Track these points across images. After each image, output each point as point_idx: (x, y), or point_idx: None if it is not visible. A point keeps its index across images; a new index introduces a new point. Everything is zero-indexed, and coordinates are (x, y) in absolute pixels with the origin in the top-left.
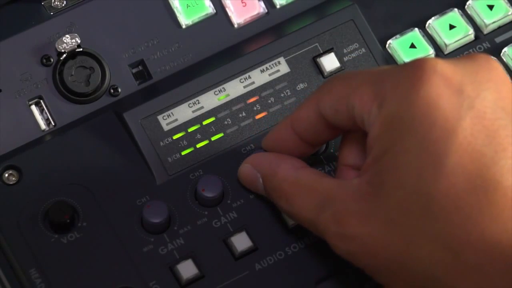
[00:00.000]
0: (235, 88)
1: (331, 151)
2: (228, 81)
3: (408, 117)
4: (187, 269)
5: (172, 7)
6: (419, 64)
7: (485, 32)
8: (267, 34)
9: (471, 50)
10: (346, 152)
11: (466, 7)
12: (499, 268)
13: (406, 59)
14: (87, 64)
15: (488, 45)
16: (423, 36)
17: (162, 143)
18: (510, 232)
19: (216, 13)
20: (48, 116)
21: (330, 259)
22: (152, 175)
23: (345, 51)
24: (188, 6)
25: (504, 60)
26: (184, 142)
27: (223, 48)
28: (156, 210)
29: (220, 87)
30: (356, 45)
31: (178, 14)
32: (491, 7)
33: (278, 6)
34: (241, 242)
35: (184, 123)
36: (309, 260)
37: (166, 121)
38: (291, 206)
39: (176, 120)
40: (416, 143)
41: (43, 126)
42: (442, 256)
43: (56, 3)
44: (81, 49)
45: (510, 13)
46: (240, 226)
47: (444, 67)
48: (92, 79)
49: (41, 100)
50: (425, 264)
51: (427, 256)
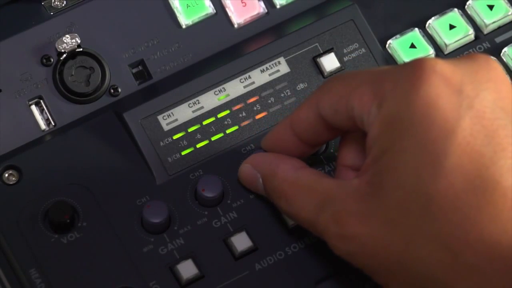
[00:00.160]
0: (235, 88)
1: (331, 151)
2: (228, 81)
3: (407, 117)
4: (187, 269)
5: (172, 7)
6: (418, 64)
7: (485, 32)
8: (267, 34)
9: (471, 50)
10: (345, 152)
11: (466, 7)
12: (498, 268)
13: (406, 59)
14: (87, 64)
15: (488, 45)
16: (423, 36)
17: (162, 143)
18: (509, 233)
19: (216, 13)
20: (48, 116)
21: (330, 259)
22: (152, 175)
23: (345, 51)
24: (188, 6)
25: (504, 60)
26: (184, 142)
27: (223, 48)
28: (156, 210)
29: (220, 87)
30: (356, 45)
31: (178, 14)
32: (491, 7)
33: (278, 6)
34: (241, 242)
35: (184, 123)
36: (309, 260)
37: (166, 121)
38: (291, 206)
39: (176, 120)
40: (415, 143)
41: (43, 126)
42: (441, 256)
43: (56, 3)
44: (81, 49)
45: (510, 13)
46: (240, 226)
47: (444, 67)
48: (92, 79)
49: (41, 100)
50: (424, 264)
51: (426, 256)
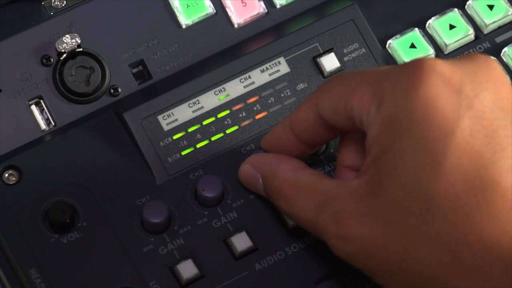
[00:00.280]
0: (235, 88)
1: (331, 151)
2: (228, 81)
3: (407, 117)
4: (187, 269)
5: (172, 7)
6: (418, 64)
7: (485, 32)
8: (267, 34)
9: (471, 50)
10: (345, 153)
11: (466, 7)
12: (497, 269)
13: (406, 59)
14: (87, 64)
15: (488, 45)
16: (423, 36)
17: (162, 143)
18: (509, 233)
19: (216, 13)
20: (48, 116)
21: (330, 259)
22: (152, 175)
23: (345, 51)
24: (188, 6)
25: (504, 60)
26: (184, 142)
27: (223, 48)
28: (156, 210)
29: (220, 87)
30: (356, 45)
31: (178, 14)
32: (491, 7)
33: (278, 6)
34: (241, 242)
35: (184, 123)
36: (309, 260)
37: (166, 121)
38: (291, 206)
39: (176, 120)
40: (415, 143)
41: (43, 126)
42: (440, 257)
43: (56, 3)
44: (81, 49)
45: (510, 13)
46: (240, 226)
47: (443, 67)
48: (92, 79)
49: (41, 100)
50: (423, 264)
51: (426, 257)
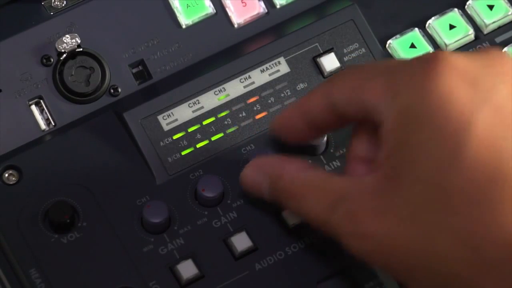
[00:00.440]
0: (235, 88)
1: (331, 151)
2: (228, 81)
3: (423, 109)
4: (187, 269)
5: (172, 7)
6: (433, 56)
7: (485, 32)
8: (267, 34)
9: (471, 50)
10: (357, 143)
11: (466, 7)
12: None
13: None
14: (87, 64)
15: (488, 45)
16: (423, 36)
17: (162, 143)
18: None
19: (216, 13)
20: (48, 116)
21: (330, 259)
22: (152, 175)
23: (345, 51)
24: (188, 6)
25: None
26: (184, 142)
27: (223, 48)
28: (156, 210)
29: (220, 87)
30: (356, 45)
31: (178, 14)
32: (491, 7)
33: (278, 6)
34: (241, 242)
35: (184, 123)
36: (309, 260)
37: (166, 121)
38: (301, 207)
39: (176, 120)
40: (433, 136)
41: (43, 126)
42: (461, 252)
43: (56, 3)
44: (81, 49)
45: (510, 13)
46: (240, 226)
47: (459, 60)
48: (92, 79)
49: (41, 100)
50: (446, 260)
51: (448, 252)
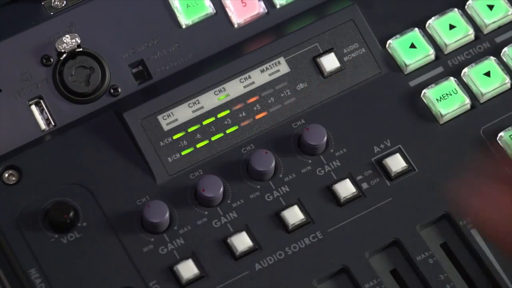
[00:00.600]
0: (235, 88)
1: (331, 151)
2: (228, 81)
3: None
4: (187, 269)
5: (172, 7)
6: None
7: (485, 32)
8: (267, 34)
9: (471, 50)
10: None
11: (466, 7)
12: None
13: (406, 59)
14: (87, 64)
15: (488, 45)
16: (423, 36)
17: (162, 143)
18: None
19: (216, 13)
20: (48, 116)
21: (330, 260)
22: (152, 175)
23: (345, 51)
24: (188, 6)
25: (504, 60)
26: (184, 142)
27: (223, 48)
28: (156, 210)
29: (220, 87)
30: (356, 45)
31: (178, 14)
32: (491, 7)
33: (278, 6)
34: (241, 242)
35: (184, 123)
36: (309, 260)
37: (166, 121)
38: None
39: (176, 120)
40: None
41: (43, 126)
42: None
43: (56, 3)
44: (81, 49)
45: (510, 13)
46: (240, 226)
47: None
48: (92, 79)
49: (41, 100)
50: None
51: None
